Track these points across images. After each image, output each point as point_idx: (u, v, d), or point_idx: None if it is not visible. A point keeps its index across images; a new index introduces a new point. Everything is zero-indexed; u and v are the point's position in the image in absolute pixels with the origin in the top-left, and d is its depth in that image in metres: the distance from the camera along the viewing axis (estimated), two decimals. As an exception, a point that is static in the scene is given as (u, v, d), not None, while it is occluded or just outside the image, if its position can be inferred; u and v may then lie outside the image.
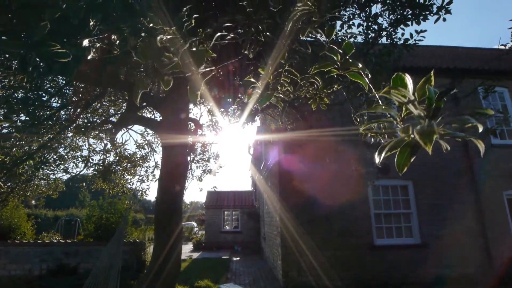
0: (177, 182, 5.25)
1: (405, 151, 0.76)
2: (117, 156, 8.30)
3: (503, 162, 8.89)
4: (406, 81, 0.85)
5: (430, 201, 8.45)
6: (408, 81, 0.86)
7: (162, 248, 4.66)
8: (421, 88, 0.80)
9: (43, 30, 1.14)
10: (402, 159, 0.76)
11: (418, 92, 0.80)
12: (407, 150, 0.76)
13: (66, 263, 9.42)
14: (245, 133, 33.59)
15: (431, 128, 0.70)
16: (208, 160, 9.32)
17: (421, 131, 0.70)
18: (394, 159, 0.78)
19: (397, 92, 0.83)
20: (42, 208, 22.21)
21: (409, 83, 0.86)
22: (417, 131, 0.70)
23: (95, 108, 6.83)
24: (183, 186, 5.47)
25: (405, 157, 0.76)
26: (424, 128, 0.71)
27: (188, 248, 19.79)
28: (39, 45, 1.25)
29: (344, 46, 1.05)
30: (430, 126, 0.70)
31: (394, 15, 3.70)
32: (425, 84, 0.78)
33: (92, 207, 13.78)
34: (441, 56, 11.41)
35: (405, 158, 0.76)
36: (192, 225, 29.99)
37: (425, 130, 0.69)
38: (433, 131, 0.69)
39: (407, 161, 0.76)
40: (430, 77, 0.80)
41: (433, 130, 0.69)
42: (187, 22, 1.26)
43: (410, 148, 0.76)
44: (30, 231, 15.31)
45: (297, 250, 7.79)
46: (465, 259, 8.08)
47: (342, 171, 8.18)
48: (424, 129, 0.70)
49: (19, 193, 7.44)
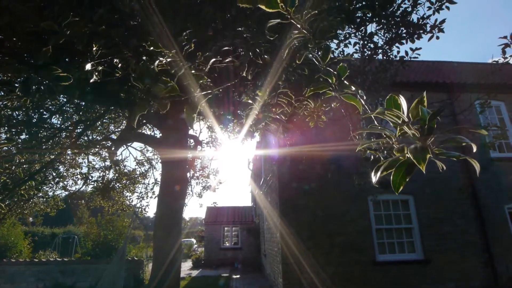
0: (176, 198, 5.23)
1: (401, 170, 0.77)
2: (117, 173, 8.29)
3: (503, 176, 8.87)
4: (399, 102, 0.88)
5: (432, 215, 8.38)
6: (402, 101, 0.89)
7: (160, 266, 4.59)
8: (414, 108, 0.82)
9: (46, 55, 1.18)
10: (398, 178, 0.77)
11: (412, 112, 0.83)
12: (403, 169, 0.77)
13: (62, 282, 9.24)
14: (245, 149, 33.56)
15: (424, 147, 0.71)
16: (207, 176, 9.30)
17: (415, 150, 0.71)
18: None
19: (391, 113, 0.86)
20: (40, 226, 21.94)
21: (403, 103, 0.88)
22: (411, 150, 0.72)
23: (95, 125, 6.88)
24: (182, 202, 5.45)
25: (400, 176, 0.77)
26: (417, 147, 0.72)
27: (187, 265, 19.43)
28: (42, 69, 1.29)
29: (338, 69, 1.08)
30: (423, 146, 0.72)
31: (389, 34, 3.79)
32: (418, 104, 0.81)
33: (90, 224, 13.63)
34: (437, 71, 11.58)
35: (400, 177, 0.77)
36: (192, 241, 29.55)
37: (418, 150, 0.71)
38: (426, 150, 0.70)
39: (403, 180, 0.77)
40: (423, 98, 0.82)
41: (426, 149, 0.71)
42: (187, 46, 1.31)
43: (405, 167, 0.77)
44: (27, 249, 15.07)
45: (298, 267, 7.66)
46: (469, 274, 7.93)
47: (342, 186, 8.15)
48: (418, 148, 0.72)
49: (17, 211, 7.38)
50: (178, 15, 2.25)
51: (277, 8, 0.81)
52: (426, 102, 0.83)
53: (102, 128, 7.32)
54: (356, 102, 1.00)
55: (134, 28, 2.15)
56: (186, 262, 20.54)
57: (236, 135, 7.44)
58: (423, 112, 0.73)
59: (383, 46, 3.87)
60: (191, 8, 2.35)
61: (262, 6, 0.80)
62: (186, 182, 5.66)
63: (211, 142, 8.90)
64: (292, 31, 0.92)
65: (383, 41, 3.88)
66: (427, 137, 0.75)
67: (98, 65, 1.42)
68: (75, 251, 17.94)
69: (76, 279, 9.33)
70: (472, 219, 8.42)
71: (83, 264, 9.82)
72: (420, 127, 0.73)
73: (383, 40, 3.89)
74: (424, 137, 0.75)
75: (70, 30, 1.26)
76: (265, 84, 1.41)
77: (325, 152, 8.25)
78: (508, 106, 9.77)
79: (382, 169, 0.79)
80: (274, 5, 0.81)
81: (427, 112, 0.73)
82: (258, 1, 0.80)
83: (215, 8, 2.06)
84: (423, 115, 0.72)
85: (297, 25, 0.88)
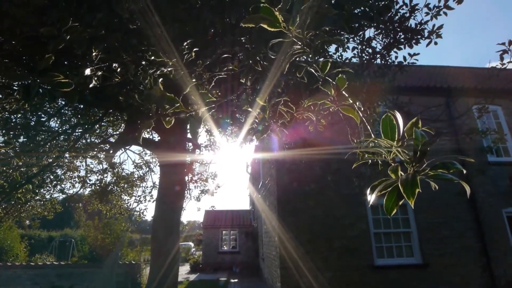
0: (174, 201, 5.22)
1: (393, 196, 0.78)
2: (115, 176, 8.26)
3: (500, 180, 8.91)
4: (394, 122, 0.89)
5: (430, 220, 8.39)
6: (398, 119, 0.90)
7: (158, 270, 4.57)
8: (409, 129, 0.84)
9: (48, 62, 1.18)
10: (390, 203, 0.78)
11: (408, 132, 0.84)
12: (394, 195, 0.78)
13: (58, 285, 9.15)
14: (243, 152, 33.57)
15: (414, 180, 0.72)
16: (206, 180, 9.28)
17: (405, 183, 0.72)
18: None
19: (383, 140, 0.87)
20: (36, 229, 21.78)
21: (399, 120, 0.90)
22: (401, 182, 0.73)
23: (93, 129, 6.86)
24: (180, 205, 5.43)
25: (392, 202, 0.78)
26: (408, 180, 0.73)
27: (185, 269, 19.32)
28: (42, 74, 1.29)
29: (337, 80, 1.09)
30: (413, 179, 0.72)
31: (387, 39, 3.82)
32: (412, 126, 0.83)
33: (87, 227, 13.55)
34: (434, 75, 11.66)
35: (392, 202, 0.78)
36: (189, 245, 29.42)
37: (408, 182, 0.72)
38: (416, 184, 0.71)
39: (395, 204, 0.78)
40: (418, 121, 0.84)
41: (416, 183, 0.71)
42: (188, 54, 1.31)
43: (396, 193, 0.78)
44: (23, 252, 14.94)
45: (297, 271, 7.63)
46: (467, 278, 7.93)
47: (341, 189, 8.15)
48: (408, 181, 0.72)
49: (14, 214, 7.33)
50: (176, 20, 2.26)
51: (279, 28, 0.85)
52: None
53: (100, 131, 7.30)
54: (353, 115, 1.01)
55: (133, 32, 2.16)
56: (183, 266, 20.43)
57: (235, 138, 7.44)
58: (416, 135, 0.74)
59: (381, 51, 3.90)
60: (190, 12, 2.36)
61: (265, 26, 0.82)
62: (184, 186, 5.65)
63: (209, 146, 8.90)
64: (291, 46, 0.94)
65: (381, 46, 3.91)
66: (419, 162, 0.76)
67: (97, 70, 1.42)
68: (72, 254, 17.81)
69: (73, 283, 9.25)
70: (470, 223, 8.43)
71: (80, 268, 9.74)
72: (413, 153, 0.74)
73: (381, 45, 3.91)
74: (416, 163, 0.76)
75: (70, 35, 1.26)
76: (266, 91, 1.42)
77: (323, 155, 8.25)
78: (505, 110, 9.84)
79: (377, 191, 0.80)
80: (277, 25, 0.84)
81: (422, 135, 0.74)
82: (260, 22, 0.83)
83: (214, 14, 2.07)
84: (417, 138, 0.73)
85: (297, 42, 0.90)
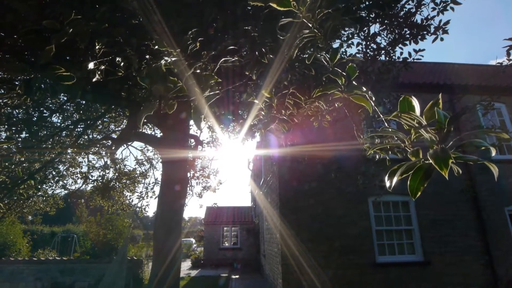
0: (177, 198, 5.21)
1: (418, 175, 0.73)
2: (117, 173, 8.26)
3: (503, 178, 8.85)
4: (413, 104, 0.85)
5: (432, 217, 8.36)
6: (415, 104, 0.85)
7: (160, 266, 4.57)
8: (429, 110, 0.79)
9: (49, 54, 1.16)
10: (415, 183, 0.73)
11: (426, 114, 0.79)
12: (420, 173, 0.73)
13: (61, 281, 9.20)
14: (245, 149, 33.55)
15: (446, 151, 0.68)
16: (208, 176, 9.27)
17: (436, 156, 0.68)
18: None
19: (406, 116, 0.83)
20: (39, 224, 21.89)
21: (417, 105, 0.85)
22: (431, 155, 0.68)
23: (96, 124, 6.85)
24: (183, 202, 5.42)
25: (418, 181, 0.73)
26: (438, 151, 0.69)
27: (186, 265, 19.40)
28: (44, 68, 1.26)
29: (347, 69, 1.06)
30: (444, 151, 0.68)
31: (392, 35, 3.77)
32: (433, 106, 0.77)
33: (89, 223, 13.58)
34: (439, 72, 11.56)
35: (418, 182, 0.73)
36: (191, 241, 29.54)
37: (439, 155, 0.67)
38: (448, 154, 0.66)
39: (420, 185, 0.73)
40: (438, 100, 0.79)
41: (448, 153, 0.67)
42: (192, 45, 1.28)
43: (423, 172, 0.73)
44: (26, 248, 15.02)
45: (298, 269, 7.64)
46: (469, 276, 7.91)
47: (343, 187, 8.12)
48: (439, 154, 0.68)
49: (16, 210, 7.35)
50: (180, 14, 2.23)
51: (289, 6, 0.79)
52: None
53: (102, 127, 7.29)
54: (366, 103, 0.97)
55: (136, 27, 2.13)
56: (185, 262, 20.51)
57: (237, 135, 7.41)
58: (439, 115, 0.69)
59: (386, 47, 3.85)
60: (193, 7, 2.33)
61: (274, 5, 0.77)
62: (186, 182, 5.63)
63: (211, 142, 8.88)
64: (301, 30, 0.90)
65: (386, 42, 3.86)
66: (445, 141, 0.72)
67: (100, 64, 1.39)
68: (74, 250, 17.91)
69: (75, 279, 9.30)
70: (472, 221, 8.40)
71: (82, 264, 9.78)
72: (438, 131, 0.70)
73: (386, 41, 3.87)
74: (442, 141, 0.71)
75: (72, 29, 1.23)
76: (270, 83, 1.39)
77: (326, 152, 8.22)
78: (509, 108, 9.75)
79: (399, 173, 0.75)
80: (286, 3, 0.79)
81: (444, 114, 0.69)
82: (269, 0, 0.77)
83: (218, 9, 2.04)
84: (440, 118, 0.69)
85: (307, 24, 0.85)
